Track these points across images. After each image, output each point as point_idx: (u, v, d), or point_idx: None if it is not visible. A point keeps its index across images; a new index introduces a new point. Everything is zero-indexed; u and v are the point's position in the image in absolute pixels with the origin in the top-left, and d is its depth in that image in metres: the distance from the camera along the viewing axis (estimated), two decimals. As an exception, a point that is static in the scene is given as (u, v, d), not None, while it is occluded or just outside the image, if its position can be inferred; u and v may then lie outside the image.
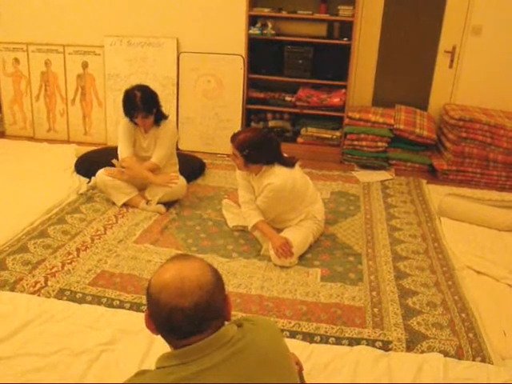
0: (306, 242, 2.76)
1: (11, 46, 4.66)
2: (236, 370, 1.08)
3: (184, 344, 1.09)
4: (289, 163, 2.73)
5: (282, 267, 2.61)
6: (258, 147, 2.65)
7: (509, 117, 4.01)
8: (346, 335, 2.09)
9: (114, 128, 4.43)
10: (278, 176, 2.64)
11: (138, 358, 1.89)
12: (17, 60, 4.69)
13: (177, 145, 4.49)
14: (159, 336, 1.16)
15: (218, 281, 1.15)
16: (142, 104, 3.04)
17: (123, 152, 3.17)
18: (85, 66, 4.58)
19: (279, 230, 2.77)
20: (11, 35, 4.63)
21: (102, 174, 3.24)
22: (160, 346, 1.92)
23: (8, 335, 1.98)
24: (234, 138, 2.68)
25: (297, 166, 2.78)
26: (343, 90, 4.19)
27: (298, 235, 2.72)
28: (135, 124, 3.17)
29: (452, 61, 4.30)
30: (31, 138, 4.77)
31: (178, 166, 3.40)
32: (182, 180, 3.32)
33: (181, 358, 1.08)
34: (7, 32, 4.63)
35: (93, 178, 3.39)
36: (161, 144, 3.20)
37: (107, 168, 3.28)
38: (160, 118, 3.19)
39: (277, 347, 1.21)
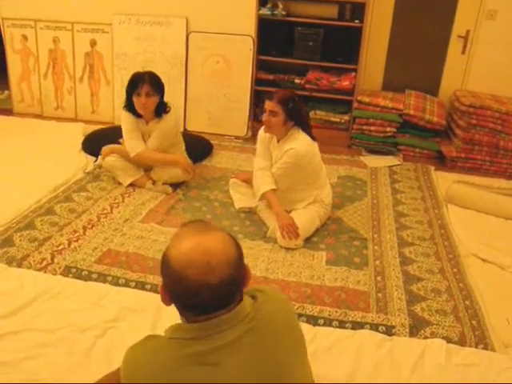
0: (312, 225, 2.76)
1: (19, 22, 4.62)
2: (251, 347, 1.08)
3: (202, 319, 1.07)
4: (312, 135, 2.76)
5: (287, 249, 2.61)
6: (299, 103, 2.71)
7: (521, 104, 3.96)
8: (350, 319, 2.10)
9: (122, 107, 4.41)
10: (300, 142, 2.66)
11: (143, 335, 1.89)
12: (25, 37, 4.66)
13: (184, 125, 4.49)
14: (164, 314, 1.16)
15: (240, 253, 1.12)
16: (148, 78, 3.02)
17: (137, 146, 3.10)
18: (93, 43, 4.54)
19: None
20: (19, 11, 4.59)
21: (107, 157, 3.21)
22: (165, 324, 1.95)
23: (15, 310, 2.00)
24: (273, 95, 2.69)
25: (316, 144, 2.80)
26: (353, 74, 4.14)
27: (305, 217, 2.72)
28: (136, 115, 3.10)
29: (465, 46, 4.23)
30: (39, 116, 4.77)
31: (184, 149, 3.37)
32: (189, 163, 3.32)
33: (197, 331, 1.07)
34: (15, 8, 4.59)
35: (100, 156, 3.39)
36: (156, 136, 3.12)
37: (110, 146, 3.27)
38: (163, 109, 3.12)
39: (288, 319, 1.22)
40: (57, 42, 4.60)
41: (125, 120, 3.13)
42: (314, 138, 2.76)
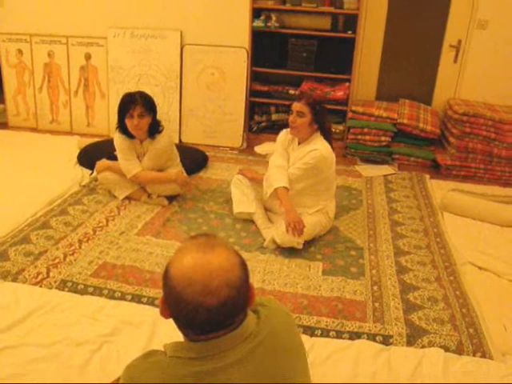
0: (314, 228, 2.78)
1: (14, 37, 4.65)
2: (255, 366, 1.05)
3: (202, 339, 1.03)
4: (332, 144, 2.82)
5: (282, 261, 2.61)
6: (324, 109, 2.84)
7: (513, 112, 3.99)
8: (347, 329, 2.09)
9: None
10: (323, 145, 2.73)
11: (139, 349, 1.89)
12: (20, 51, 4.68)
13: (179, 137, 4.50)
14: (160, 328, 1.14)
15: (245, 272, 1.06)
16: (140, 98, 2.98)
17: (131, 169, 3.09)
18: (88, 57, 4.56)
19: None
20: (15, 26, 4.62)
21: (102, 172, 3.21)
22: (161, 338, 1.94)
23: (10, 325, 1.99)
24: (301, 97, 2.78)
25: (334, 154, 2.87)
26: (347, 84, 4.17)
27: (310, 219, 2.74)
28: (129, 136, 3.08)
29: (457, 55, 4.28)
30: (34, 130, 4.77)
31: (180, 166, 3.36)
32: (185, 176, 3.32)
33: (197, 351, 1.04)
34: (11, 23, 4.62)
35: (95, 171, 3.39)
36: (151, 157, 3.12)
37: (104, 161, 3.27)
38: (156, 129, 3.09)
39: (291, 335, 1.20)
40: (52, 55, 4.62)
41: (118, 142, 3.10)
42: (332, 148, 2.82)
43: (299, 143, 2.83)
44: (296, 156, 2.80)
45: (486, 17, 4.07)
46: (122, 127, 3.05)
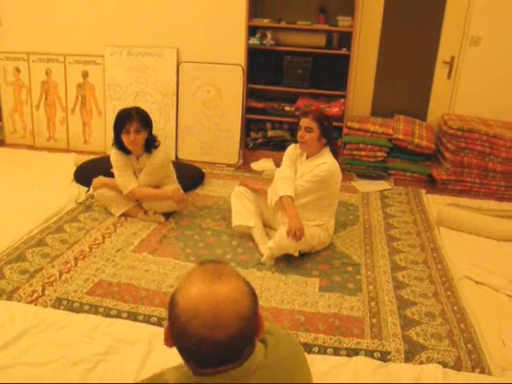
0: (312, 238, 2.78)
1: (12, 55, 4.69)
2: None
3: (208, 372, 0.97)
4: (337, 159, 2.88)
5: (279, 277, 2.60)
6: (331, 122, 2.93)
7: (507, 127, 4.02)
8: (345, 346, 2.08)
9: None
10: (332, 160, 2.80)
11: (135, 368, 1.88)
12: (17, 69, 4.71)
13: (176, 154, 4.51)
14: (156, 346, 1.11)
15: (254, 302, 1.00)
16: (136, 114, 3.00)
17: (127, 185, 3.10)
18: (85, 75, 4.60)
19: None
20: (12, 45, 4.66)
21: (99, 189, 3.21)
22: (157, 356, 1.92)
23: (5, 344, 1.97)
24: (308, 112, 2.84)
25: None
26: (342, 100, 4.21)
27: (310, 230, 2.75)
28: (125, 152, 3.09)
29: (450, 71, 4.32)
30: (31, 147, 4.78)
31: (176, 183, 3.36)
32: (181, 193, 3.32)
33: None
34: (9, 41, 4.66)
35: (91, 188, 3.39)
36: (148, 173, 3.14)
37: (101, 178, 3.27)
38: (152, 144, 3.11)
39: (300, 365, 1.16)
40: (49, 73, 4.65)
41: (115, 158, 3.11)
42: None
43: (307, 157, 2.87)
44: (304, 170, 2.84)
45: (479, 33, 4.13)
46: (119, 143, 3.06)
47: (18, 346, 1.98)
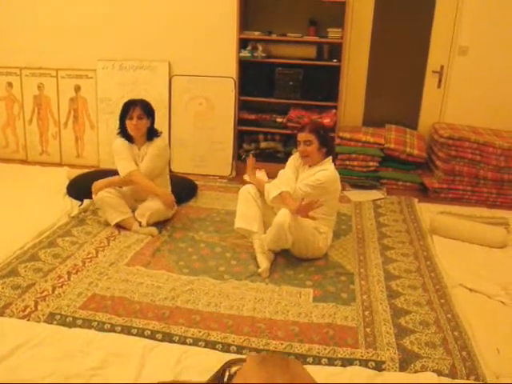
0: (312, 233, 2.82)
1: (5, 70, 4.70)
2: None
3: None
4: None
5: (273, 288, 2.59)
6: (328, 131, 3.01)
7: (497, 134, 4.07)
8: (339, 356, 2.08)
9: (107, 150, 4.45)
10: (333, 168, 2.90)
11: (129, 382, 1.86)
12: (10, 84, 4.72)
13: (169, 166, 4.51)
14: (149, 360, 1.07)
15: None
16: (139, 102, 3.20)
17: (127, 167, 3.20)
18: (77, 89, 4.61)
19: None
20: (5, 59, 4.67)
21: (100, 192, 3.22)
22: (151, 370, 1.91)
23: (-3, 361, 1.95)
24: (304, 127, 2.90)
25: None
26: (334, 111, 4.24)
27: (310, 224, 2.82)
28: (129, 141, 3.23)
29: (440, 81, 4.37)
30: (24, 161, 4.78)
31: (170, 188, 3.40)
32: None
33: None
34: (1, 56, 4.67)
35: (85, 200, 3.40)
36: (149, 158, 3.24)
37: (101, 180, 3.28)
38: (153, 133, 3.28)
39: None
40: (41, 88, 4.66)
41: (117, 144, 3.26)
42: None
43: (310, 166, 2.94)
44: (305, 176, 2.90)
45: (466, 43, 4.19)
46: (123, 131, 3.24)
47: (11, 361, 1.96)
